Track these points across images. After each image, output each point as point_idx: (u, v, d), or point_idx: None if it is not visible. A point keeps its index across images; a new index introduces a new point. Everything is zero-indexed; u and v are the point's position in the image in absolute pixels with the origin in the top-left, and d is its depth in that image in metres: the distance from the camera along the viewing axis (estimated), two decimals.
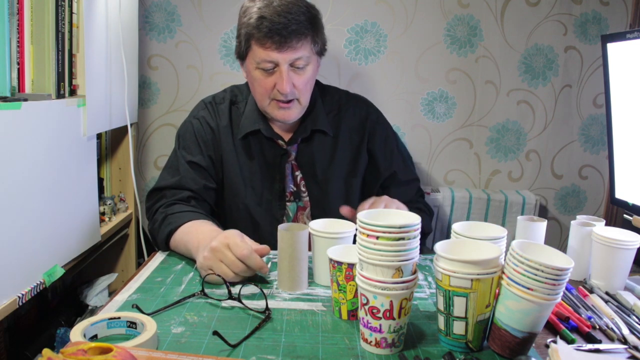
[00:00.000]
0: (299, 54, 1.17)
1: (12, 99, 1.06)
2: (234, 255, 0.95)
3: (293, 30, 1.14)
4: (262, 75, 1.20)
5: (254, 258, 0.95)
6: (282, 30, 1.13)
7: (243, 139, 1.30)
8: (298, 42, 1.16)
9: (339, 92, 1.40)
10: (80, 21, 1.29)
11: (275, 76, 1.19)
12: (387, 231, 0.73)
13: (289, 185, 1.32)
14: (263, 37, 1.14)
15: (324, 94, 1.36)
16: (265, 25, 1.13)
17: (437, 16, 1.89)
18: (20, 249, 1.06)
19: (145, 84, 1.91)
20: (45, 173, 1.15)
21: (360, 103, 1.39)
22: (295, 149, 1.32)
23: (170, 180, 1.27)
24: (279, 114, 1.23)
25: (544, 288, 0.70)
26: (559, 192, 2.05)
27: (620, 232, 1.02)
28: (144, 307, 0.87)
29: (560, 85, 1.96)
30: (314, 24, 1.20)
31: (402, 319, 0.76)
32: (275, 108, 1.23)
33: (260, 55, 1.17)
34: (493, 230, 0.91)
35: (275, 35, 1.13)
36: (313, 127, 1.30)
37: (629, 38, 1.20)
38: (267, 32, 1.13)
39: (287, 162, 1.31)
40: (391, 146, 1.38)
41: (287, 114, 1.23)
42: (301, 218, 1.33)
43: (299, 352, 0.77)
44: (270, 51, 1.15)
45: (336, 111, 1.35)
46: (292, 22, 1.14)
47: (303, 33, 1.16)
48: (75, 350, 0.62)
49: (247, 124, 1.30)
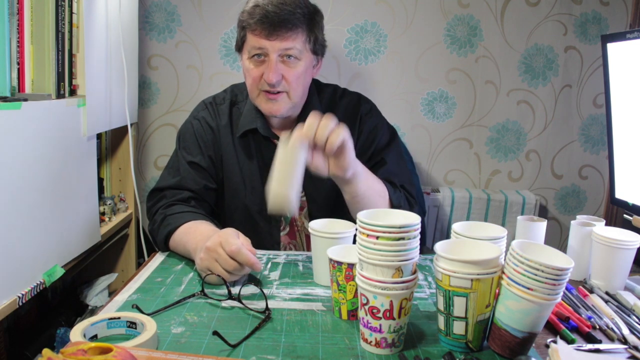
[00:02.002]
0: (289, 45, 1.17)
1: (12, 99, 1.06)
2: (226, 253, 0.94)
3: (284, 19, 1.14)
4: (253, 65, 1.20)
5: (243, 254, 0.93)
6: (274, 17, 1.13)
7: (242, 138, 1.30)
8: (287, 32, 1.15)
9: (336, 89, 1.39)
10: (80, 21, 1.29)
11: (264, 66, 1.19)
12: (387, 231, 0.73)
13: None
14: (254, 24, 1.15)
15: (321, 92, 1.36)
16: (258, 12, 1.14)
17: (437, 16, 1.89)
18: (20, 249, 1.06)
19: (145, 84, 1.91)
20: (45, 173, 1.15)
21: (353, 97, 1.37)
22: None
23: (171, 180, 1.27)
24: (267, 107, 1.22)
25: (544, 288, 0.70)
26: (559, 192, 2.05)
27: (620, 232, 1.01)
28: (144, 307, 0.87)
29: (560, 85, 1.96)
30: (309, 19, 1.20)
31: (402, 319, 0.76)
32: (264, 100, 1.22)
33: (251, 42, 1.18)
34: (493, 230, 0.91)
35: (266, 22, 1.13)
36: None
37: (629, 38, 1.20)
38: (258, 19, 1.14)
39: None
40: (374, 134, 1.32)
41: (275, 107, 1.21)
42: (299, 218, 1.33)
43: (299, 352, 0.77)
44: (260, 38, 1.16)
45: (330, 108, 1.33)
46: (285, 12, 1.14)
47: (295, 24, 1.16)
48: (75, 350, 0.62)
49: (245, 123, 1.30)
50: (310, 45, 1.22)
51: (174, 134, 1.94)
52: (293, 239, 1.34)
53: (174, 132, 1.93)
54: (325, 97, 1.35)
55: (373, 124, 1.33)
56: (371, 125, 1.32)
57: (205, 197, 1.28)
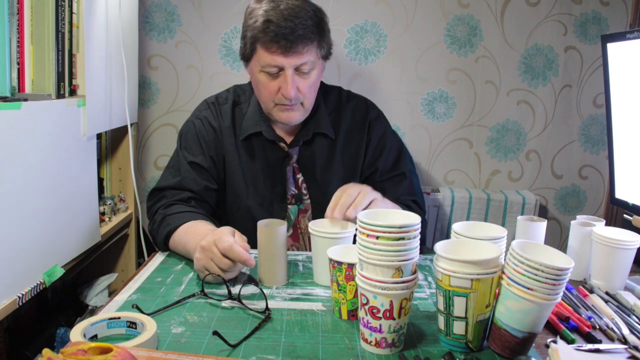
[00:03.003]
0: (305, 59, 1.17)
1: (12, 99, 1.06)
2: (219, 251, 0.94)
3: (300, 35, 1.13)
4: (266, 79, 1.19)
5: (235, 250, 0.93)
6: (289, 35, 1.12)
7: (245, 140, 1.30)
8: (304, 48, 1.15)
9: (341, 92, 1.39)
10: (80, 21, 1.29)
11: (279, 80, 1.18)
12: (387, 231, 0.73)
13: (290, 188, 1.32)
14: (269, 42, 1.13)
15: (326, 95, 1.36)
16: (272, 29, 1.12)
17: (437, 16, 1.89)
18: (20, 249, 1.06)
19: (145, 84, 1.91)
20: (45, 173, 1.15)
21: (360, 102, 1.38)
22: (296, 151, 1.31)
23: (171, 180, 1.27)
24: (283, 116, 1.23)
25: (544, 288, 0.70)
26: (559, 192, 2.05)
27: (620, 232, 1.01)
28: (144, 307, 0.88)
29: (560, 85, 1.96)
30: (320, 28, 1.19)
31: (402, 319, 0.76)
32: (279, 110, 1.23)
33: (265, 59, 1.16)
34: (493, 230, 0.91)
35: (282, 40, 1.12)
36: (315, 129, 1.30)
37: (629, 38, 1.20)
38: (273, 37, 1.12)
39: (289, 165, 1.31)
40: (384, 142, 1.36)
41: (291, 116, 1.23)
42: (302, 221, 1.33)
43: (299, 352, 0.77)
44: (276, 56, 1.15)
45: (336, 112, 1.35)
46: (299, 27, 1.12)
47: (309, 38, 1.15)
48: (75, 350, 0.62)
49: (249, 126, 1.30)
50: (322, 52, 1.23)
51: (174, 134, 1.94)
52: (296, 241, 1.34)
53: (174, 132, 1.93)
54: (331, 100, 1.36)
55: (381, 131, 1.36)
56: (380, 132, 1.35)
57: (205, 197, 1.27)
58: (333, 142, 1.33)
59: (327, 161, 1.32)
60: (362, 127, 1.34)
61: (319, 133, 1.31)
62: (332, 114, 1.34)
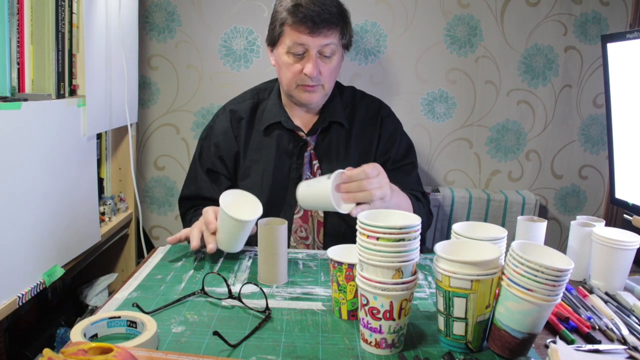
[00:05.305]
0: (329, 40, 1.27)
1: (12, 99, 1.06)
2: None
3: (325, 18, 1.24)
4: (291, 60, 1.28)
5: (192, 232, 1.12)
6: (316, 17, 1.23)
7: (265, 130, 1.38)
8: (329, 31, 1.26)
9: (355, 91, 1.49)
10: (80, 21, 1.29)
11: (303, 61, 1.28)
12: (387, 232, 0.73)
13: (305, 172, 1.39)
14: (298, 22, 1.24)
15: (341, 91, 1.45)
16: (301, 11, 1.23)
17: (437, 16, 1.89)
18: (20, 249, 1.06)
19: (145, 84, 1.91)
20: (45, 173, 1.15)
21: (374, 100, 1.48)
22: (314, 139, 1.39)
23: (191, 189, 1.40)
24: (304, 96, 1.32)
25: (544, 289, 0.70)
26: (559, 192, 2.05)
27: (620, 233, 1.02)
28: (144, 305, 0.88)
29: (560, 85, 1.96)
30: (344, 17, 1.31)
31: (402, 320, 0.76)
32: (301, 91, 1.32)
33: (293, 38, 1.26)
34: (493, 230, 0.91)
35: (309, 21, 1.23)
36: (331, 118, 1.38)
37: (629, 38, 1.20)
38: (302, 18, 1.23)
39: (306, 151, 1.39)
40: (395, 136, 1.45)
41: (312, 97, 1.32)
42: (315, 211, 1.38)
43: (299, 352, 0.77)
44: (303, 35, 1.24)
45: (351, 106, 1.44)
46: (325, 12, 1.24)
47: (334, 23, 1.26)
48: (75, 350, 0.62)
49: (268, 117, 1.38)
50: (344, 40, 1.33)
51: (174, 134, 1.94)
52: (305, 222, 1.38)
53: (174, 132, 1.94)
54: (346, 96, 1.46)
55: (393, 126, 1.45)
56: (392, 127, 1.45)
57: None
58: (348, 132, 1.41)
59: (343, 149, 1.40)
60: (375, 122, 1.43)
61: (334, 122, 1.39)
62: (347, 108, 1.43)
